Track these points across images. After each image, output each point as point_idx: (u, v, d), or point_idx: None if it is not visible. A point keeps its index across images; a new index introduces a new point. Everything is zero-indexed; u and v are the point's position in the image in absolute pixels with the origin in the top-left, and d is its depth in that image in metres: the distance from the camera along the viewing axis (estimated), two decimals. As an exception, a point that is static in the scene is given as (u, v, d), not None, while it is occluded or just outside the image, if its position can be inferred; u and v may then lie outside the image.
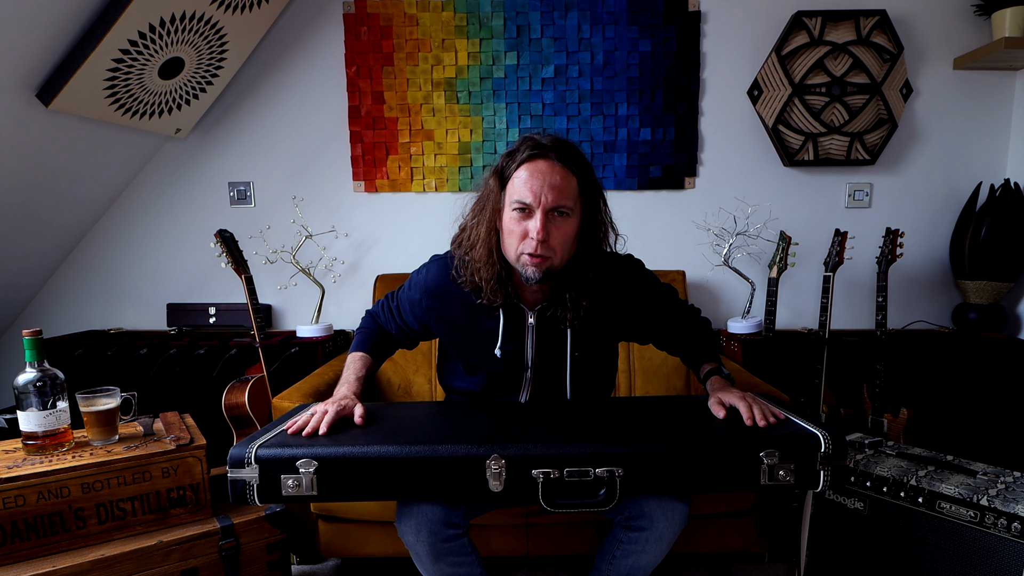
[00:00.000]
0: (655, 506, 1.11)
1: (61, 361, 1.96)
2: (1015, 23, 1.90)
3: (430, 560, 1.11)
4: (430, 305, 1.22)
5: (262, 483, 0.96)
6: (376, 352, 1.31)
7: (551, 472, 0.95)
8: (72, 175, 1.95)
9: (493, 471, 0.95)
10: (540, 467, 0.95)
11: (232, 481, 0.96)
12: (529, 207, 1.04)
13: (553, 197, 1.04)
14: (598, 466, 0.95)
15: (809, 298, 2.19)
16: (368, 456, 0.96)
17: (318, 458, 0.96)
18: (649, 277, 1.26)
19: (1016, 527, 1.07)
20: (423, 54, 2.10)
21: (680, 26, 2.08)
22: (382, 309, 1.34)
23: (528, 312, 1.18)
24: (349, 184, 2.19)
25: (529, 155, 1.05)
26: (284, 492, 0.96)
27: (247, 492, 0.96)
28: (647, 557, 1.16)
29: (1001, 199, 1.99)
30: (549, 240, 1.05)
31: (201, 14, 1.74)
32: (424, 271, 1.25)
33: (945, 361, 1.95)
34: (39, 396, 1.17)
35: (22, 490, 1.09)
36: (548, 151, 1.05)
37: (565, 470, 0.95)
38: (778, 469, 0.94)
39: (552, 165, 1.04)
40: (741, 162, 2.16)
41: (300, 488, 0.95)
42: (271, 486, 0.96)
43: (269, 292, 2.24)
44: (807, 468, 0.94)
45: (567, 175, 1.05)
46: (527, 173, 1.05)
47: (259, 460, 0.96)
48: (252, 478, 0.96)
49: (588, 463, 0.95)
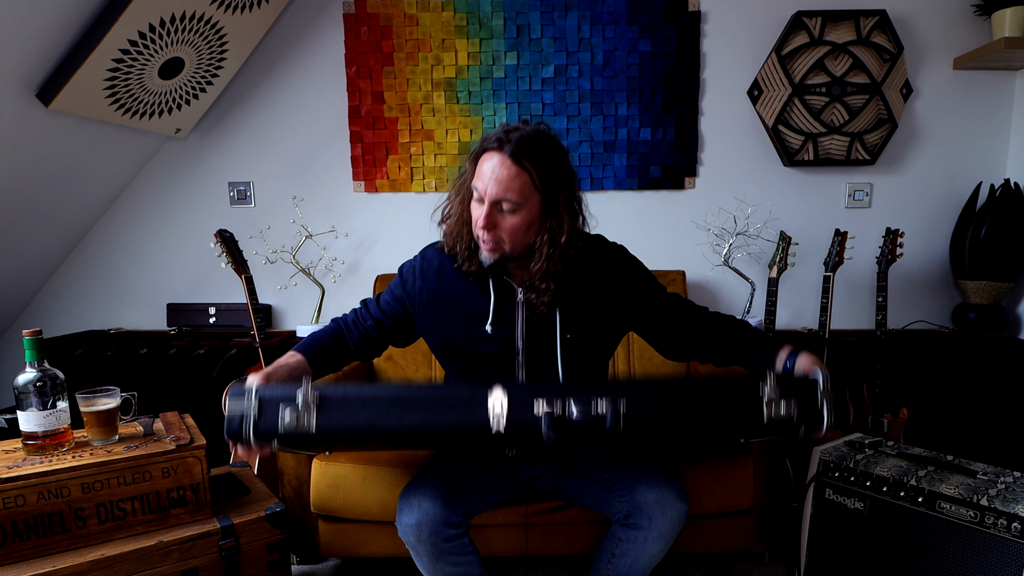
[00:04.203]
0: (654, 503, 1.12)
1: (61, 361, 1.96)
2: (1015, 23, 1.90)
3: (431, 560, 1.11)
4: (423, 287, 1.22)
5: (260, 416, 0.93)
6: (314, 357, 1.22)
7: (555, 406, 0.92)
8: (72, 175, 1.95)
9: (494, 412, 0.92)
10: (543, 398, 0.93)
11: (229, 417, 0.94)
12: (481, 195, 1.10)
13: (497, 191, 1.07)
14: (602, 397, 0.93)
15: (809, 298, 2.19)
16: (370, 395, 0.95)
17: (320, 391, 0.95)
18: (635, 261, 1.27)
19: (1016, 527, 1.07)
20: (423, 54, 2.10)
21: (680, 26, 2.08)
22: (353, 313, 1.30)
23: (518, 288, 1.20)
24: (349, 184, 2.20)
25: (487, 147, 1.10)
26: (281, 427, 0.93)
27: (244, 427, 0.93)
28: (646, 555, 1.16)
29: (1001, 199, 1.99)
30: (496, 230, 1.10)
31: (201, 14, 1.74)
32: (417, 258, 1.28)
33: (945, 361, 1.95)
34: (39, 396, 1.17)
35: (22, 490, 1.08)
36: (504, 145, 1.08)
37: (569, 402, 0.93)
38: (779, 404, 0.93)
39: (503, 160, 1.07)
40: (741, 162, 2.16)
41: (299, 423, 0.92)
42: (269, 421, 0.93)
43: (269, 292, 2.24)
44: (808, 404, 0.93)
45: (517, 172, 1.07)
46: (482, 165, 1.10)
47: (259, 393, 0.94)
48: (251, 408, 0.93)
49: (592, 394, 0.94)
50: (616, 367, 1.86)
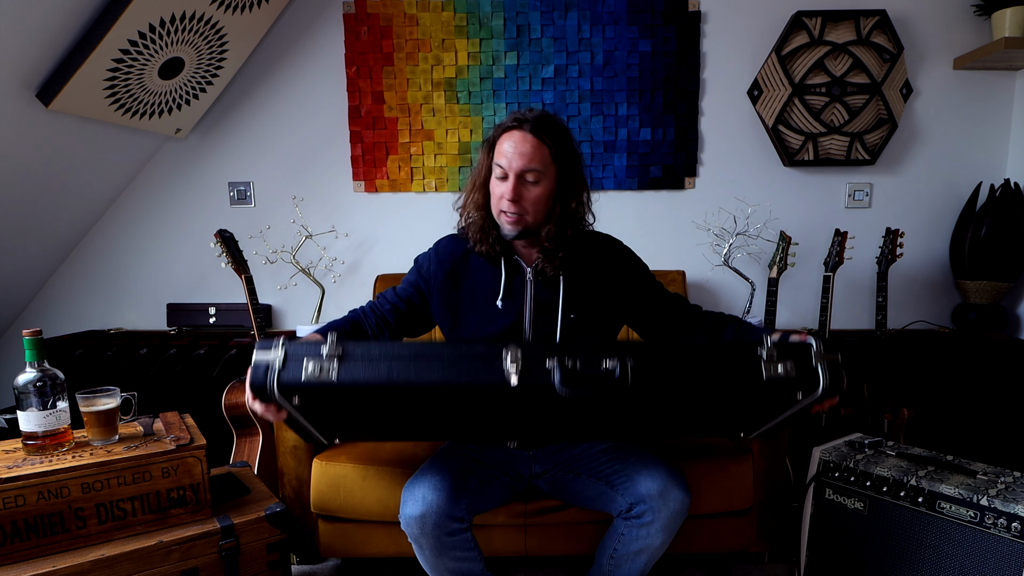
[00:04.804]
0: (656, 493, 1.13)
1: (61, 361, 1.96)
2: (1015, 23, 1.90)
3: (434, 553, 1.12)
4: (437, 270, 1.29)
5: (284, 366, 0.97)
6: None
7: (566, 360, 0.98)
8: (72, 175, 1.95)
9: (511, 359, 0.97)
10: (555, 355, 0.98)
11: (255, 365, 0.97)
12: (505, 171, 1.18)
13: (522, 163, 1.17)
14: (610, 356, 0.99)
15: (809, 298, 2.19)
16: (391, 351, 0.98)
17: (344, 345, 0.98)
18: (633, 254, 1.35)
19: (1016, 527, 1.07)
20: (423, 54, 2.10)
21: (680, 26, 2.08)
22: (370, 303, 1.34)
23: (526, 268, 1.27)
24: (349, 184, 2.20)
25: (508, 127, 1.20)
26: (304, 376, 0.96)
27: (268, 376, 0.96)
28: (649, 548, 1.17)
29: (1001, 199, 1.99)
30: (521, 201, 1.19)
31: (201, 14, 1.74)
32: (434, 247, 1.34)
33: (945, 361, 1.95)
34: (39, 396, 1.17)
35: (22, 490, 1.08)
36: (523, 124, 1.19)
37: (579, 358, 0.98)
38: (777, 364, 1.00)
39: (524, 135, 1.17)
40: (741, 162, 2.16)
41: (321, 373, 0.96)
42: (293, 372, 0.97)
43: (269, 292, 2.24)
44: (804, 365, 1.00)
45: (539, 144, 1.18)
46: (502, 144, 1.19)
47: (286, 344, 0.98)
48: (277, 358, 0.97)
49: (601, 353, 0.99)
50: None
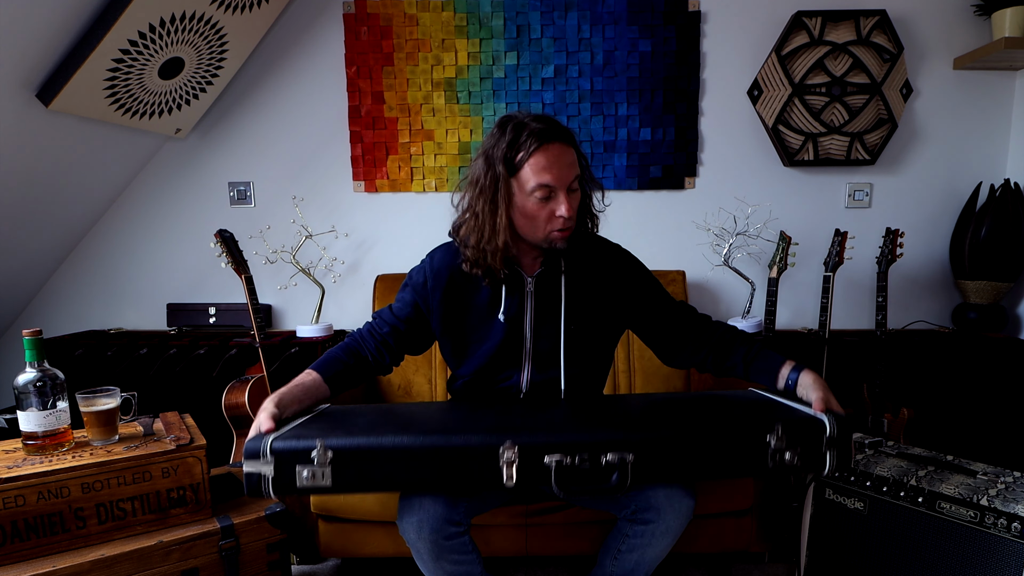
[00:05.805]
0: (663, 498, 1.12)
1: (61, 361, 1.96)
2: (1015, 23, 1.90)
3: (431, 558, 1.11)
4: (435, 285, 1.25)
5: (277, 475, 0.96)
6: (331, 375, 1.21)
7: (563, 459, 0.96)
8: (72, 175, 1.95)
9: (506, 459, 0.96)
10: (553, 453, 0.96)
11: (248, 475, 0.96)
12: (553, 189, 1.13)
13: (570, 175, 1.15)
14: (609, 451, 0.96)
15: (809, 298, 2.19)
16: (383, 446, 0.97)
17: (333, 448, 0.96)
18: (636, 260, 1.33)
19: (1016, 527, 1.07)
20: (423, 54, 2.10)
21: (680, 26, 2.08)
22: (366, 326, 1.30)
23: (528, 279, 1.25)
24: (349, 184, 2.20)
25: (540, 143, 1.12)
26: (299, 483, 0.96)
27: (262, 485, 0.96)
28: (653, 551, 1.16)
29: (1001, 199, 1.99)
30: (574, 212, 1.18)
31: (201, 14, 1.74)
32: (427, 260, 1.30)
33: (945, 361, 1.95)
34: (39, 396, 1.17)
35: (22, 490, 1.09)
36: (551, 135, 1.13)
37: (577, 456, 0.96)
38: (784, 452, 0.96)
39: (561, 147, 1.14)
40: (741, 162, 2.16)
41: (315, 479, 0.96)
42: (286, 478, 0.96)
43: (269, 292, 2.24)
44: (812, 451, 0.96)
45: (571, 150, 1.16)
46: (545, 160, 1.12)
47: (274, 452, 0.96)
48: (268, 471, 0.96)
49: (600, 449, 0.97)
50: (616, 367, 1.86)
